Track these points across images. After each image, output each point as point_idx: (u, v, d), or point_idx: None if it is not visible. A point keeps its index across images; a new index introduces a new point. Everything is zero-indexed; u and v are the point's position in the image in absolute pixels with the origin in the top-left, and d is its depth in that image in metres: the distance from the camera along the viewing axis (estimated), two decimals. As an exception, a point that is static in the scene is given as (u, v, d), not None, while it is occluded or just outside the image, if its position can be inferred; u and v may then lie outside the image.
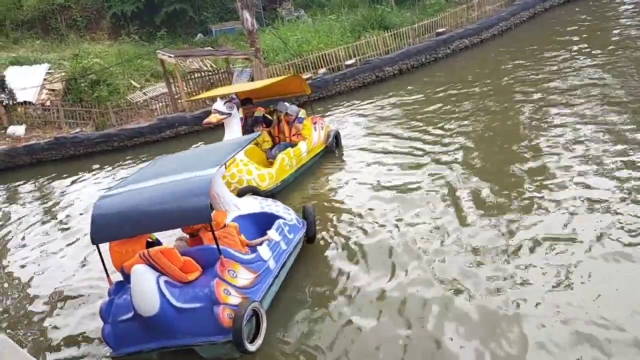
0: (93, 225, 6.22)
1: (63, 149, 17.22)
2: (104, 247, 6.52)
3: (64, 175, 15.66)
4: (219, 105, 10.57)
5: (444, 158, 10.30)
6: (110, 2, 28.33)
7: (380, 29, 21.60)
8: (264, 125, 11.69)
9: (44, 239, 10.92)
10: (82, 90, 20.59)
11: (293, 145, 11.08)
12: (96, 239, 6.27)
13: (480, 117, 12.34)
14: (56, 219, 12.09)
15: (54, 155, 17.36)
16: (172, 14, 28.54)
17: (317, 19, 26.06)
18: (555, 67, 14.91)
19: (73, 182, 14.95)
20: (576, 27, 19.00)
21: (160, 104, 20.98)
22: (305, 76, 18.08)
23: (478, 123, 12.00)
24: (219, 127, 15.20)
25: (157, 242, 6.88)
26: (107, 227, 6.23)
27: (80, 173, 15.63)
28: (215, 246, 6.22)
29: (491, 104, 13.11)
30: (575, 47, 16.45)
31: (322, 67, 19.27)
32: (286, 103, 11.78)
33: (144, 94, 22.78)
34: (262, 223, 7.74)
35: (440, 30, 19.80)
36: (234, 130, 10.66)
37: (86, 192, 13.75)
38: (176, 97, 20.27)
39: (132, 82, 23.30)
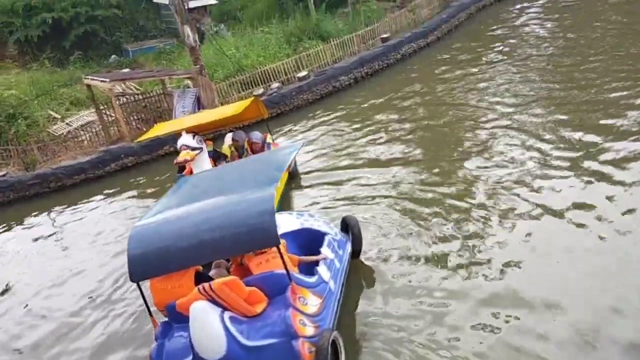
0: (131, 261, 5.42)
1: (-10, 196, 14.68)
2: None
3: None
4: (188, 140, 9.47)
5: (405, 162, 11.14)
6: (10, 27, 25.25)
7: (317, 39, 20.57)
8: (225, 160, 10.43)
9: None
10: (-2, 127, 17.81)
11: None
12: (136, 276, 5.44)
13: (432, 122, 13.21)
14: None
15: (-22, 204, 14.75)
16: (82, 37, 26.03)
17: (236, 33, 24.77)
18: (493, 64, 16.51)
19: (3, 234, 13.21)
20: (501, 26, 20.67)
21: (89, 134, 18.66)
22: (258, 91, 16.68)
23: (431, 128, 12.83)
24: (167, 156, 13.71)
25: (206, 274, 6.01)
26: (149, 262, 5.40)
27: (11, 223, 13.72)
28: (282, 272, 5.52)
29: (443, 108, 13.89)
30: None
31: (270, 81, 17.84)
32: (241, 131, 11.15)
33: (67, 124, 20.26)
34: (304, 240, 7.14)
35: (384, 35, 19.06)
36: (203, 166, 9.43)
37: (21, 245, 12.25)
38: (109, 125, 18.07)
39: (51, 112, 20.68)
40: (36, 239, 12.32)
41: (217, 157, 10.35)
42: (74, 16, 25.65)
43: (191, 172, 9.55)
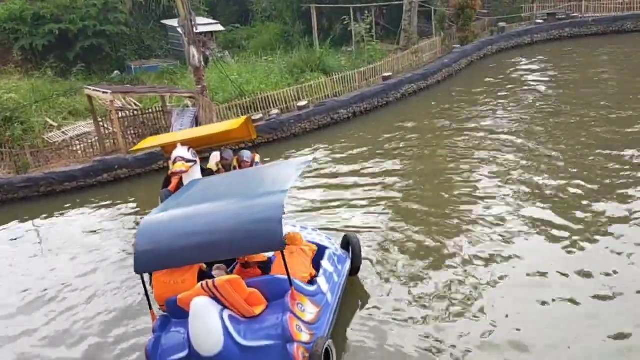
0: (138, 253, 5.61)
1: (-22, 196, 14.59)
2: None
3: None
4: (183, 152, 9.64)
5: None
6: (17, 34, 25.46)
7: (319, 72, 20.92)
8: None
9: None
10: (-7, 129, 17.80)
11: None
12: (140, 268, 5.63)
13: (423, 160, 13.66)
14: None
15: (-37, 204, 14.65)
16: (87, 50, 26.29)
17: (240, 60, 25.17)
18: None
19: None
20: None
21: (84, 144, 18.68)
22: (257, 116, 16.84)
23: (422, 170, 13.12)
24: (161, 171, 13.78)
25: (209, 273, 6.14)
26: (155, 255, 5.56)
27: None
28: (283, 276, 5.69)
29: (436, 148, 14.39)
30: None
31: (269, 107, 18.06)
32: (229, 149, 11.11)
33: (63, 133, 20.28)
34: None
35: (386, 74, 19.42)
36: (193, 179, 9.23)
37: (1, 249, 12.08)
38: (105, 137, 18.12)
39: (48, 120, 20.71)
40: (16, 243, 12.24)
41: (202, 172, 10.44)
42: (81, 29, 25.97)
43: (177, 187, 9.58)
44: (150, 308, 5.89)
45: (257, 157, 11.23)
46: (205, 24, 27.34)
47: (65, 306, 9.08)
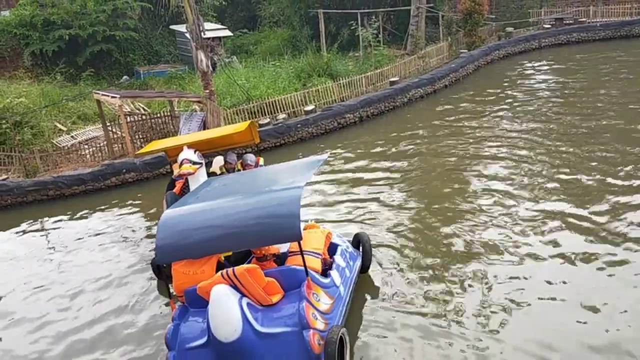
0: (159, 244, 5.80)
1: (-13, 198, 14.72)
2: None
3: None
4: (190, 154, 9.71)
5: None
6: (27, 40, 25.73)
7: (326, 77, 21.01)
8: None
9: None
10: (4, 133, 17.92)
11: None
12: (161, 259, 5.89)
13: (427, 168, 13.44)
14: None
15: (-27, 206, 14.79)
16: (96, 55, 26.54)
17: (248, 65, 25.32)
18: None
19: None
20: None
21: (92, 148, 18.80)
22: (264, 121, 16.91)
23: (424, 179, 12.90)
24: (168, 175, 13.92)
25: (226, 265, 6.35)
26: (175, 246, 5.77)
27: (6, 229, 13.59)
28: (299, 267, 5.91)
29: (441, 154, 14.22)
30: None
31: (276, 112, 18.12)
32: (233, 153, 11.08)
33: (72, 137, 20.44)
34: None
35: (393, 79, 19.45)
36: (200, 181, 9.46)
37: (11, 251, 12.08)
38: (113, 142, 18.23)
39: (57, 124, 20.91)
40: (25, 246, 12.28)
41: (207, 176, 10.52)
42: (90, 34, 26.23)
43: (182, 190, 9.65)
44: (170, 297, 6.15)
45: (261, 161, 11.29)
46: (213, 29, 27.53)
47: (74, 307, 9.11)
